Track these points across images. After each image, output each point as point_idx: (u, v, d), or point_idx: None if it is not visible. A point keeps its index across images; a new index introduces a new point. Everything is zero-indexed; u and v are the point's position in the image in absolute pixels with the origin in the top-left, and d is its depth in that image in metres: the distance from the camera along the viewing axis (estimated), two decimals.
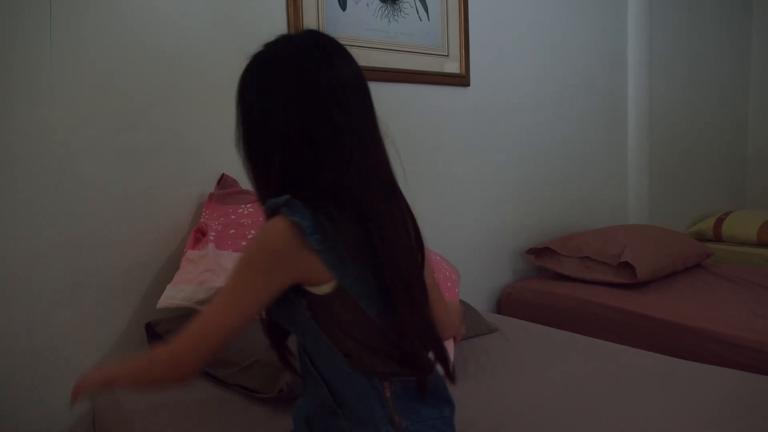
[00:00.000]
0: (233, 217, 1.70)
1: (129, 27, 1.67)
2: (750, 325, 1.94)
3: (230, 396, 1.46)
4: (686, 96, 3.55)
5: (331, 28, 2.03)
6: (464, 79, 2.42)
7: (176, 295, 1.48)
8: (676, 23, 3.44)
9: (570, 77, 2.91)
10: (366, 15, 2.12)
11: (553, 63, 2.82)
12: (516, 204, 2.71)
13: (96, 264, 1.65)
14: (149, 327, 1.71)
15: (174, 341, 0.90)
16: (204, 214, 1.73)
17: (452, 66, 2.38)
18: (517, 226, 2.73)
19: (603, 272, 2.47)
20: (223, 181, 1.83)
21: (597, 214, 3.09)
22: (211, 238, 1.60)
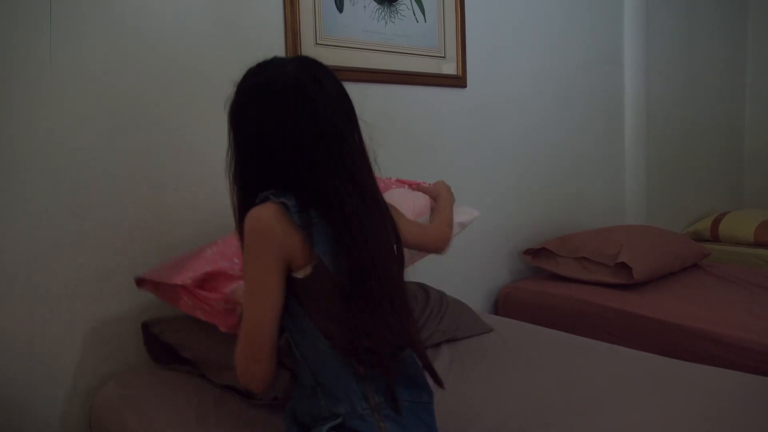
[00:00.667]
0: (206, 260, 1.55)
1: (128, 27, 1.68)
2: (746, 325, 1.95)
3: (228, 398, 1.47)
4: (683, 96, 3.56)
5: (328, 30, 2.04)
6: (461, 81, 2.42)
7: None
8: (673, 24, 3.45)
9: (567, 78, 2.91)
10: (363, 17, 2.12)
11: (550, 64, 2.83)
12: (513, 204, 2.72)
13: (94, 264, 1.66)
14: (145, 327, 1.70)
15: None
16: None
17: (449, 67, 2.39)
18: (514, 227, 2.74)
19: (600, 273, 2.48)
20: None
21: (594, 215, 3.10)
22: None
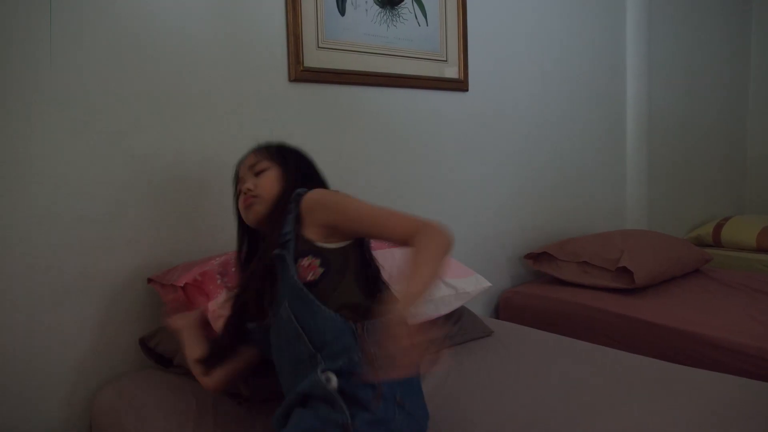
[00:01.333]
0: (210, 268, 1.62)
1: (129, 31, 1.68)
2: (747, 330, 1.95)
3: (226, 400, 1.47)
4: (685, 102, 3.56)
5: (330, 34, 2.04)
6: (463, 84, 2.42)
7: None
8: (675, 31, 3.45)
9: (569, 83, 2.91)
10: (365, 20, 2.13)
11: (552, 69, 2.83)
12: (514, 208, 2.72)
13: (95, 267, 1.66)
14: (142, 342, 1.71)
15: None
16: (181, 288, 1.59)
17: (451, 71, 2.39)
18: (516, 231, 2.74)
19: (601, 277, 2.48)
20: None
21: (596, 219, 3.10)
22: (219, 282, 1.55)
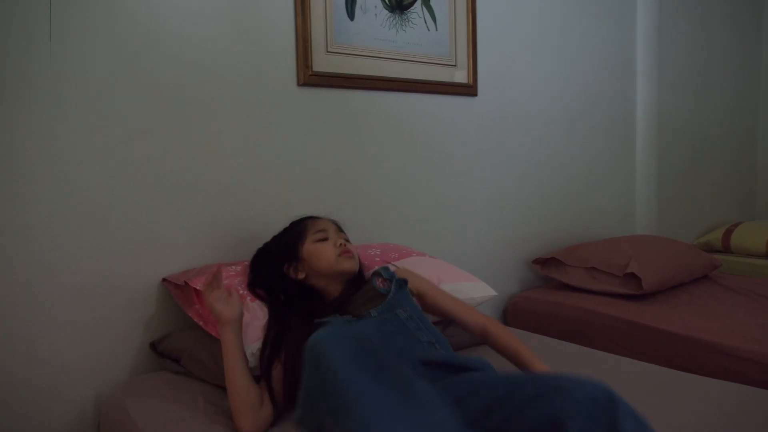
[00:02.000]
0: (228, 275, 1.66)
1: (136, 37, 1.70)
2: (755, 338, 1.94)
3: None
4: (695, 106, 3.55)
5: (339, 38, 2.05)
6: (472, 89, 2.43)
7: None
8: (685, 34, 3.44)
9: (578, 87, 2.91)
10: (374, 25, 2.13)
11: (562, 73, 2.83)
12: (523, 213, 2.72)
13: (101, 271, 1.67)
14: (153, 346, 1.74)
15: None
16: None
17: (460, 75, 2.39)
18: (524, 236, 2.74)
19: (609, 283, 2.47)
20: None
21: (605, 225, 3.09)
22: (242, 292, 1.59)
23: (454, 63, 2.37)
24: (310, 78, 1.99)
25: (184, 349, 1.63)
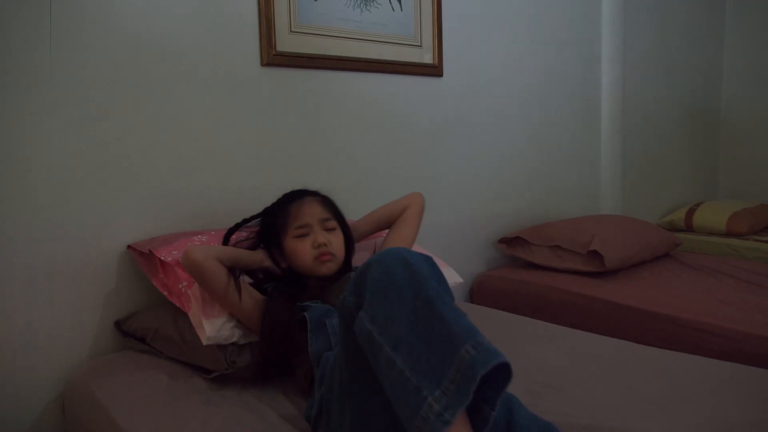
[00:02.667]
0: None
1: (93, 10, 1.67)
2: (712, 311, 1.99)
3: (198, 375, 1.50)
4: (660, 88, 3.61)
5: (303, 18, 2.04)
6: (437, 70, 2.44)
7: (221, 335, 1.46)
8: (650, 15, 3.49)
9: (543, 69, 2.94)
10: (338, 5, 2.13)
11: (527, 55, 2.85)
12: (489, 194, 2.74)
13: (64, 251, 1.66)
14: (117, 324, 1.74)
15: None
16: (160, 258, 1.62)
17: (425, 56, 2.40)
18: (490, 216, 2.77)
19: (572, 261, 2.52)
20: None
21: (569, 205, 3.14)
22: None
23: (419, 44, 2.38)
24: (274, 58, 1.98)
25: (150, 328, 1.63)
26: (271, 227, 1.58)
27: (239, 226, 1.65)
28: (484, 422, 0.89)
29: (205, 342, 1.41)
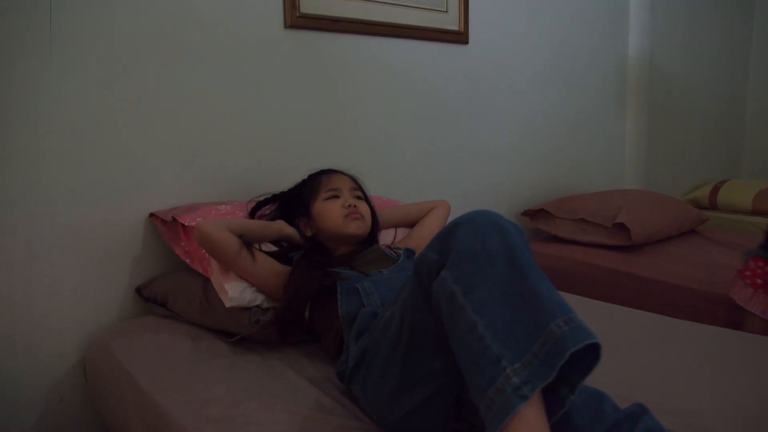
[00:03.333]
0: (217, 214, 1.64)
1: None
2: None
3: (221, 339, 1.48)
4: (686, 61, 3.51)
5: None
6: (463, 37, 2.38)
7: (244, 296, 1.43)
8: None
9: (570, 38, 2.86)
10: None
11: (553, 24, 2.78)
12: (513, 165, 2.69)
13: (87, 215, 1.63)
14: (138, 290, 1.72)
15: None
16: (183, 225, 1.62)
17: (451, 22, 2.34)
18: (513, 188, 2.72)
19: (598, 234, 2.47)
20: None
21: (593, 178, 3.08)
22: None
23: (446, 9, 2.31)
24: (298, 20, 1.93)
25: (170, 292, 1.61)
26: (299, 196, 1.58)
27: (267, 202, 1.64)
28: (560, 405, 0.84)
29: (228, 304, 1.39)
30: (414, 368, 0.97)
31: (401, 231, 1.77)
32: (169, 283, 1.64)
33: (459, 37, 2.37)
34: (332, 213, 1.50)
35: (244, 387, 1.24)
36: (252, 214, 1.61)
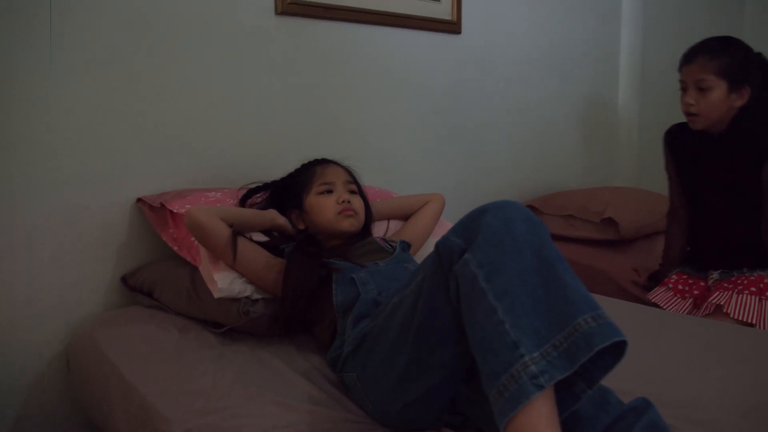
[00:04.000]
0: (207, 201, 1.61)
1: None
2: None
3: (207, 329, 1.45)
4: (679, 53, 3.51)
5: None
6: (455, 26, 2.35)
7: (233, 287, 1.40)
8: None
9: (562, 30, 2.85)
10: None
11: (546, 15, 2.76)
12: (502, 160, 2.68)
13: (72, 202, 1.60)
14: (123, 279, 1.69)
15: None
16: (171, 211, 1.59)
17: (444, 12, 2.32)
18: (503, 184, 2.70)
19: (585, 229, 2.47)
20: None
21: (583, 174, 3.07)
22: None
23: None
24: (289, 6, 1.90)
25: (157, 281, 1.58)
26: (291, 187, 1.55)
27: (259, 190, 1.61)
28: (574, 400, 0.84)
29: (217, 295, 1.36)
30: (422, 356, 0.96)
31: (394, 223, 1.75)
32: (156, 272, 1.61)
33: (452, 27, 2.34)
34: (325, 208, 1.48)
35: (232, 378, 1.21)
36: (242, 202, 1.58)
